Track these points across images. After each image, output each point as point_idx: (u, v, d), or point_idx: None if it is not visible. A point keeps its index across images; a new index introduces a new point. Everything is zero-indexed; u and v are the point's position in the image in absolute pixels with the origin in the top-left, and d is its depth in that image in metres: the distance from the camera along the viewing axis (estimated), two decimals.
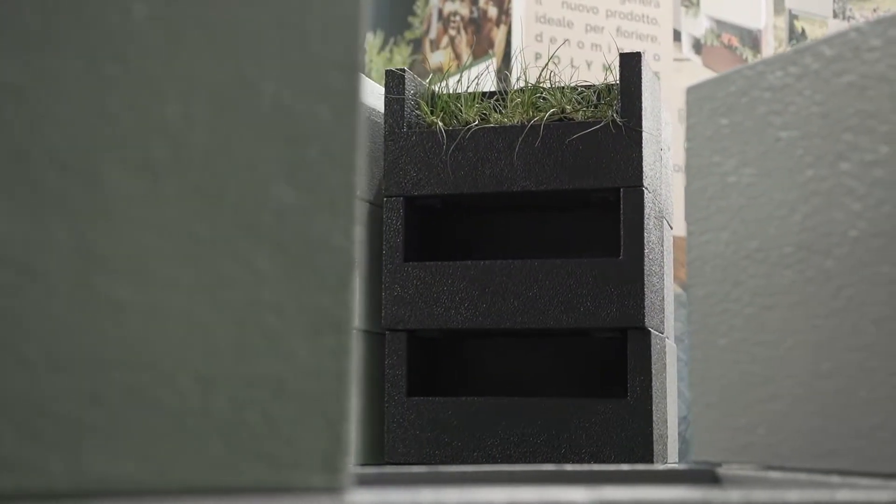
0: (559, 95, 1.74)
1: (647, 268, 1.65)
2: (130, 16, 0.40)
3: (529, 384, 1.80)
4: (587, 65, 3.74)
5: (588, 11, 3.87)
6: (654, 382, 1.66)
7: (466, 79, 1.90)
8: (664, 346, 1.78)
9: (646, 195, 1.67)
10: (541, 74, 1.78)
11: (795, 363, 0.77)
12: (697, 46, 4.01)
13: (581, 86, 1.76)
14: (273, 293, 0.42)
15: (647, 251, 1.66)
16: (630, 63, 1.69)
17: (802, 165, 0.77)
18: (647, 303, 1.64)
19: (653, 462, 1.64)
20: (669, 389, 1.84)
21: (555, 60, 3.66)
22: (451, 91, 1.81)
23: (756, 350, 0.80)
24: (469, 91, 1.79)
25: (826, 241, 0.75)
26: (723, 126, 0.85)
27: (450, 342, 1.83)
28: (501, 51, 3.86)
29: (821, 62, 0.76)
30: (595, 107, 1.74)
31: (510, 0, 3.85)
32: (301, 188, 0.43)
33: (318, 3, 0.44)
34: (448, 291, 1.70)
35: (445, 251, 1.84)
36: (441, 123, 1.74)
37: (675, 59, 4.01)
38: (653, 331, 1.66)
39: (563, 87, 1.75)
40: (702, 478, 0.82)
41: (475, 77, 1.85)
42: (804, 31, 4.17)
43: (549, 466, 0.73)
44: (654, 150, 1.77)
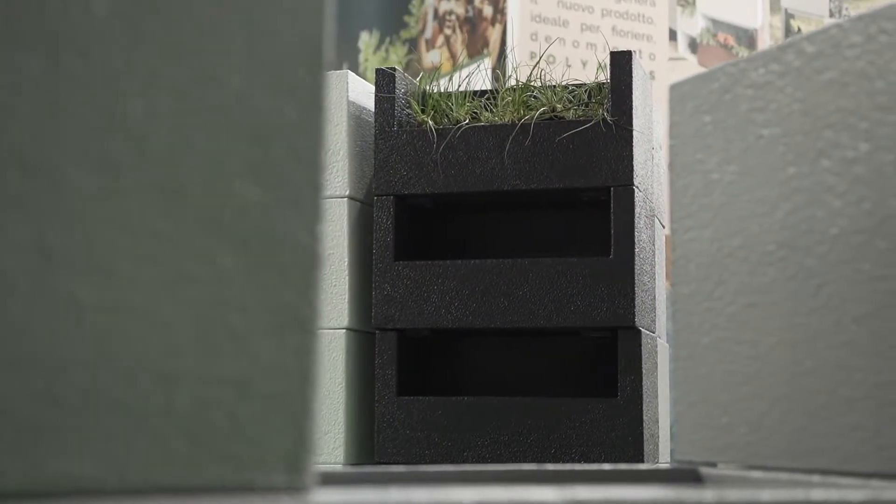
0: (550, 94, 1.73)
1: (638, 267, 1.65)
2: (91, 11, 0.39)
3: (520, 384, 1.80)
4: (582, 64, 3.73)
5: (583, 10, 3.87)
6: (645, 382, 1.66)
7: (457, 78, 1.89)
8: (655, 346, 1.78)
9: (636, 194, 1.66)
10: (531, 73, 1.77)
11: (777, 362, 0.76)
12: (693, 46, 4.01)
13: (572, 84, 1.76)
14: (237, 291, 0.42)
15: (638, 250, 1.66)
16: (621, 62, 1.69)
17: (784, 163, 0.77)
18: (638, 302, 1.64)
19: (643, 461, 1.64)
20: (661, 389, 1.84)
21: (549, 60, 3.66)
22: (443, 90, 1.81)
23: (738, 349, 0.80)
24: (460, 90, 1.78)
25: (807, 239, 0.74)
26: (706, 123, 0.84)
27: (440, 341, 1.82)
28: (497, 50, 3.85)
29: (802, 59, 0.76)
30: (586, 105, 1.73)
31: None
32: (266, 185, 0.43)
33: (285, 0, 0.43)
34: (438, 291, 1.70)
35: (436, 250, 1.84)
36: (432, 122, 1.74)
37: (671, 59, 4.01)
38: (644, 330, 1.66)
39: (555, 86, 1.74)
40: (684, 477, 0.82)
41: (466, 76, 1.84)
42: (800, 30, 4.17)
43: (530, 466, 0.72)
44: (646, 149, 1.76)
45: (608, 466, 0.80)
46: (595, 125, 1.67)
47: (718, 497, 0.50)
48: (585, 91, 1.75)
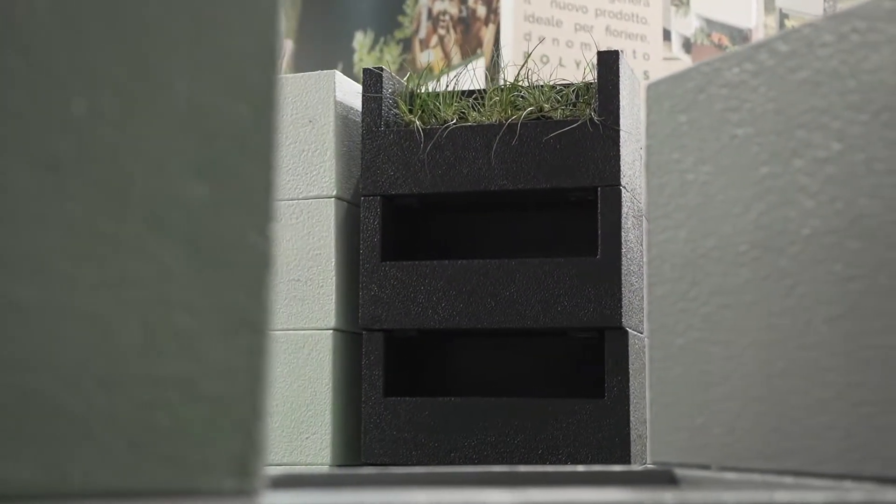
0: (537, 94, 1.73)
1: (626, 267, 1.65)
2: (33, 8, 0.39)
3: (507, 384, 1.79)
4: (576, 64, 3.73)
5: (577, 10, 3.86)
6: (632, 382, 1.65)
7: (446, 78, 1.89)
8: (643, 346, 1.77)
9: (623, 194, 1.66)
10: (519, 73, 1.77)
11: (750, 363, 0.76)
12: (687, 46, 4.01)
13: (560, 84, 1.75)
14: (184, 292, 0.41)
15: (625, 251, 1.65)
16: (608, 61, 1.69)
17: (757, 163, 0.76)
18: (625, 302, 1.64)
19: (630, 462, 1.63)
20: (649, 389, 1.84)
21: (543, 60, 3.65)
22: (431, 90, 1.80)
23: (713, 349, 0.79)
24: (448, 90, 1.78)
25: (780, 239, 0.74)
26: (682, 123, 0.84)
27: (427, 342, 1.82)
28: (490, 50, 3.85)
29: (776, 58, 0.75)
30: (574, 105, 1.73)
31: None
32: (215, 185, 0.42)
33: None
34: (425, 291, 1.69)
35: (423, 250, 1.83)
36: (419, 122, 1.73)
37: (665, 59, 4.00)
38: (631, 331, 1.66)
39: (542, 86, 1.74)
40: (659, 479, 0.81)
41: (454, 76, 1.84)
42: None
43: (500, 468, 0.72)
44: (633, 149, 1.76)
45: (582, 468, 0.79)
46: (582, 125, 1.66)
47: (679, 499, 0.50)
48: (573, 91, 1.74)
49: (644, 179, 1.67)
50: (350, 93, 1.81)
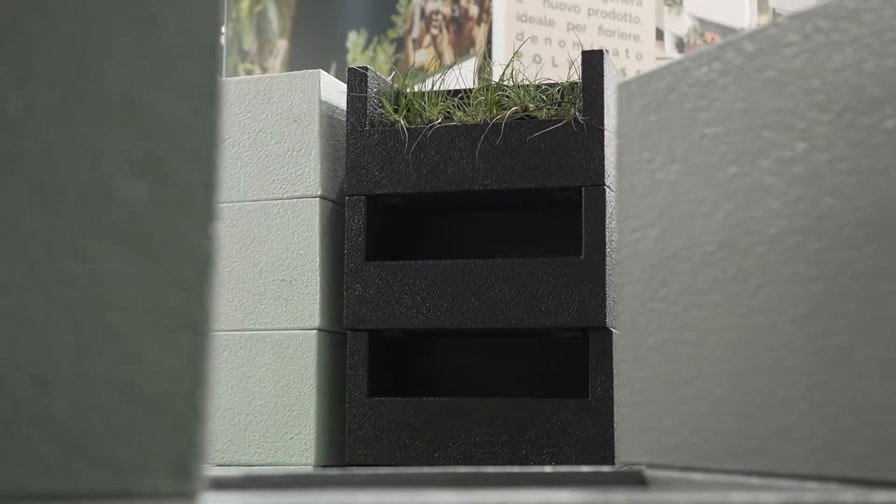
0: (522, 94, 1.72)
1: (610, 267, 1.64)
2: None
3: (492, 384, 1.79)
4: (569, 64, 3.72)
5: (570, 10, 3.86)
6: (616, 382, 1.65)
7: (432, 77, 1.89)
8: None
9: (608, 194, 1.65)
10: (504, 72, 1.76)
11: (717, 363, 0.75)
12: (680, 45, 4.00)
13: (545, 84, 1.75)
14: (120, 292, 0.41)
15: (610, 251, 1.65)
16: (592, 61, 1.68)
17: (725, 162, 0.76)
18: (609, 302, 1.63)
19: (615, 462, 1.63)
20: None
21: (535, 59, 3.65)
22: (417, 89, 1.80)
23: (681, 350, 0.79)
24: (434, 89, 1.77)
25: (747, 239, 0.73)
26: (652, 122, 0.83)
27: (411, 342, 1.81)
28: (482, 49, 3.84)
29: (743, 58, 0.75)
30: (559, 105, 1.72)
31: None
32: (153, 183, 0.42)
33: None
34: (410, 291, 1.69)
35: (408, 250, 1.83)
36: (404, 122, 1.73)
37: (658, 58, 4.00)
38: (615, 331, 1.65)
39: (528, 86, 1.73)
40: (628, 480, 0.81)
41: (439, 76, 1.84)
42: None
43: (466, 469, 0.71)
44: None
45: (549, 469, 0.79)
46: (567, 125, 1.66)
47: (629, 499, 0.49)
48: (558, 90, 1.74)
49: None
50: (335, 92, 1.81)
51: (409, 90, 1.79)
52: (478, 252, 1.79)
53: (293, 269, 1.74)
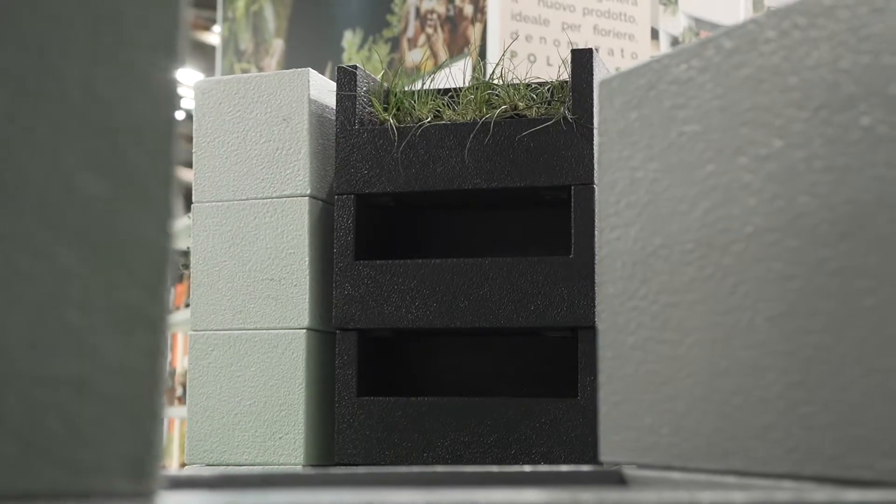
0: (512, 92, 1.72)
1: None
2: None
3: (481, 384, 1.79)
4: (564, 64, 3.72)
5: (565, 9, 3.85)
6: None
7: (438, 76, 1.88)
8: None
9: (598, 193, 1.65)
10: (494, 70, 1.76)
11: (695, 362, 0.75)
12: (676, 45, 4.00)
13: (535, 82, 1.74)
14: (77, 289, 0.40)
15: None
16: (582, 59, 1.68)
17: (703, 160, 0.75)
18: (599, 302, 1.63)
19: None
20: None
21: (530, 58, 3.65)
22: (407, 88, 1.79)
23: (660, 348, 0.79)
24: (424, 88, 1.77)
25: (724, 238, 0.73)
26: (633, 120, 0.83)
27: (401, 342, 1.81)
28: (477, 49, 3.84)
29: (721, 55, 0.75)
30: (548, 104, 1.72)
31: None
32: (111, 180, 0.42)
33: None
34: (399, 290, 1.68)
35: (397, 250, 1.82)
36: (394, 121, 1.72)
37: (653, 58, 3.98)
38: None
39: (518, 84, 1.73)
40: (608, 479, 0.81)
41: (430, 74, 1.83)
42: None
43: (443, 468, 0.71)
44: None
45: (529, 468, 0.78)
46: (556, 123, 1.65)
47: (598, 498, 0.49)
48: (548, 89, 1.73)
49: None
50: (325, 91, 1.81)
51: (399, 89, 1.78)
52: (467, 251, 1.79)
53: (282, 269, 1.73)
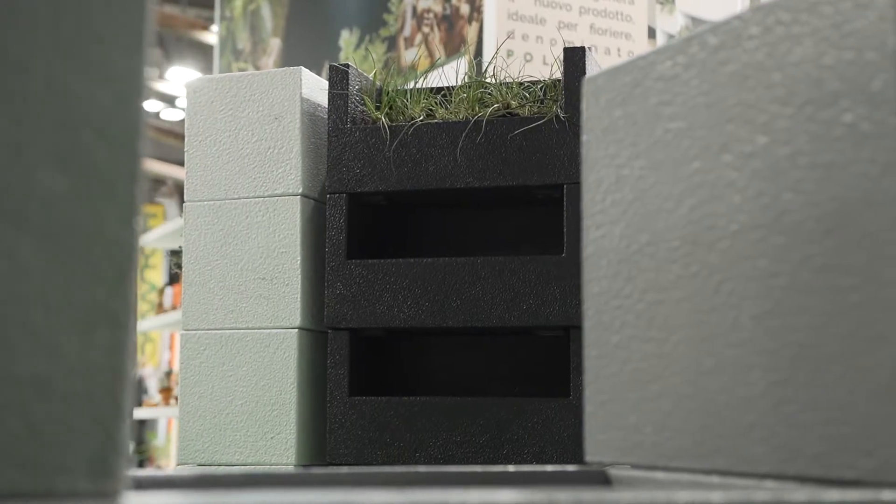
0: (504, 91, 1.71)
1: None
2: None
3: (473, 383, 1.78)
4: (553, 61, 3.71)
5: (561, 8, 3.84)
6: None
7: (434, 75, 1.88)
8: None
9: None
10: (486, 69, 1.75)
11: (680, 360, 0.74)
12: None
13: (528, 81, 1.74)
14: (39, 286, 0.40)
15: None
16: (574, 58, 1.67)
17: (689, 157, 0.75)
18: None
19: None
20: None
21: (526, 57, 3.64)
22: (399, 87, 1.78)
23: (646, 347, 0.78)
24: (416, 87, 1.76)
25: (709, 235, 0.72)
26: (618, 118, 0.82)
27: (393, 341, 1.80)
28: (473, 48, 3.83)
29: (707, 51, 0.74)
30: (541, 102, 1.71)
31: None
32: (75, 175, 0.41)
33: None
34: (391, 290, 1.68)
35: (390, 249, 1.82)
36: (386, 119, 1.71)
37: None
38: None
39: (510, 83, 1.72)
40: (592, 479, 0.80)
41: (422, 73, 1.82)
42: None
43: (426, 468, 0.70)
44: None
45: (512, 468, 0.78)
46: (548, 122, 1.65)
47: (574, 498, 0.48)
48: (541, 88, 1.72)
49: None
50: (317, 90, 1.80)
51: (392, 87, 1.77)
52: (459, 250, 1.78)
53: (274, 268, 1.73)
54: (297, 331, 1.70)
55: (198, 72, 7.78)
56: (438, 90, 1.78)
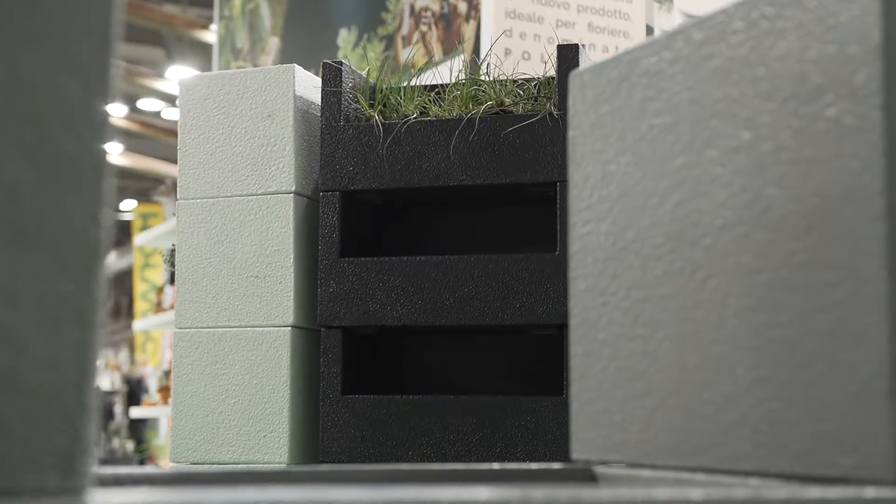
0: (498, 88, 1.71)
1: None
2: None
3: (466, 381, 1.77)
4: (550, 59, 3.70)
5: (559, 7, 3.84)
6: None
7: (432, 73, 1.87)
8: None
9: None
10: (479, 67, 1.75)
11: (665, 357, 0.74)
12: None
13: (521, 79, 1.73)
14: (4, 280, 0.39)
15: None
16: (567, 55, 1.66)
17: (674, 153, 0.74)
18: None
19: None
20: None
21: (524, 55, 3.63)
22: (394, 84, 1.78)
23: (631, 344, 0.77)
24: (410, 84, 1.76)
25: (694, 231, 0.72)
26: (604, 113, 0.82)
27: (386, 339, 1.80)
28: (471, 46, 3.82)
29: (691, 46, 0.73)
30: (535, 100, 1.71)
31: None
32: (42, 167, 0.40)
33: None
34: (384, 288, 1.67)
35: (383, 247, 1.81)
36: (380, 117, 1.71)
37: None
38: None
39: (504, 81, 1.72)
40: (578, 477, 0.79)
41: (416, 71, 1.82)
42: None
43: (409, 466, 0.70)
44: None
45: (497, 466, 0.77)
46: (542, 119, 1.64)
47: (549, 496, 0.48)
48: (534, 85, 1.72)
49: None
50: (310, 87, 1.79)
51: (385, 85, 1.77)
52: (452, 248, 1.78)
53: (267, 266, 1.72)
54: (290, 329, 1.70)
55: (198, 71, 7.79)
56: (432, 88, 1.78)
